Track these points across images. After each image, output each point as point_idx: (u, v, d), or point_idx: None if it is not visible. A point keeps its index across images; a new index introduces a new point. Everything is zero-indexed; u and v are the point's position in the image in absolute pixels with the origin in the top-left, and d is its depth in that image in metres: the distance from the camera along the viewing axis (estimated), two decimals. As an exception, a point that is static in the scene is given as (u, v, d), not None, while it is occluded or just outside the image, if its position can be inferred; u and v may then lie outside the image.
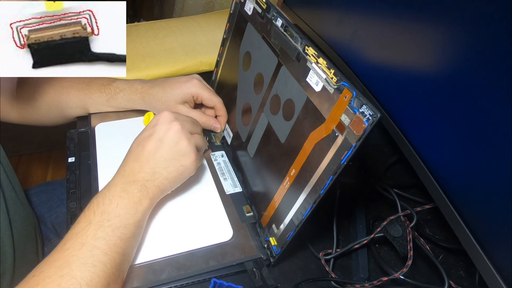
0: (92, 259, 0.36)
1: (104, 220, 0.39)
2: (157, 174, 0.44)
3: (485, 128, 0.34)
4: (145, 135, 0.46)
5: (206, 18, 0.99)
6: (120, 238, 0.39)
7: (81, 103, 0.59)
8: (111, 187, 0.42)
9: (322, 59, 0.38)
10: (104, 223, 0.39)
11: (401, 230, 0.44)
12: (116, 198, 0.41)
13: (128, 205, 0.41)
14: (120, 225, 0.39)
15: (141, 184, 0.43)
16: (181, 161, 0.45)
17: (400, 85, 0.47)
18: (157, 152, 0.45)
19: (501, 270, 0.34)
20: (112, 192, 0.42)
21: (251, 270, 0.44)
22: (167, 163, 0.45)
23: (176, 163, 0.45)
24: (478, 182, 0.36)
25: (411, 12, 0.43)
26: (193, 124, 0.50)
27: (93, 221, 0.39)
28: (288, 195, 0.43)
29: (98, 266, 0.36)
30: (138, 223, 0.42)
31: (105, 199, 0.41)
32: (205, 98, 0.57)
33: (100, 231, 0.38)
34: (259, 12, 0.50)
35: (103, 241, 0.38)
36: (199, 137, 0.49)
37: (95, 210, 0.40)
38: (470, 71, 0.36)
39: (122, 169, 0.45)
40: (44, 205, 0.70)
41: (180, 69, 0.79)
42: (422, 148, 0.44)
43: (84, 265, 0.36)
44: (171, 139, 0.45)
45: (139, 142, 0.46)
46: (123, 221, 0.40)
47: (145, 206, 0.43)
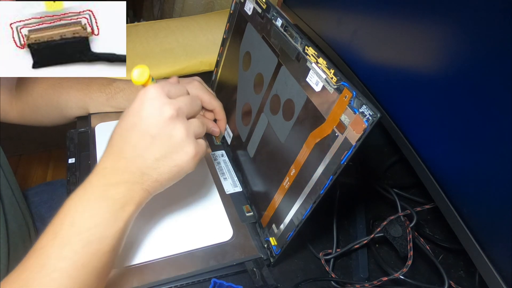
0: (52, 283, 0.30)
1: (73, 234, 0.32)
2: (145, 176, 0.36)
3: (485, 128, 0.34)
4: (129, 122, 0.37)
5: (206, 18, 0.99)
6: (94, 254, 0.32)
7: (81, 103, 0.59)
8: (87, 189, 0.35)
9: (322, 59, 0.38)
10: (72, 238, 0.32)
11: (401, 230, 0.44)
12: (91, 204, 0.34)
13: (107, 213, 0.34)
14: (93, 239, 0.32)
15: (125, 187, 0.35)
16: (175, 160, 0.37)
17: (400, 85, 0.47)
18: (146, 150, 0.36)
19: (501, 270, 0.34)
20: (88, 197, 0.34)
21: (251, 270, 0.44)
22: (158, 163, 0.36)
23: (169, 162, 0.36)
24: (478, 182, 0.36)
25: (410, 12, 0.43)
26: (190, 103, 0.39)
27: (59, 234, 0.32)
28: (288, 195, 0.43)
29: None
30: (118, 234, 0.34)
31: (77, 206, 0.34)
32: (205, 101, 0.57)
33: (67, 249, 0.32)
34: (259, 12, 0.50)
35: (69, 261, 0.31)
36: (197, 122, 0.39)
37: (64, 219, 0.33)
38: (469, 71, 0.36)
39: (101, 166, 0.36)
40: (44, 205, 0.70)
41: (180, 69, 0.79)
42: (422, 148, 0.44)
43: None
44: (162, 132, 0.36)
45: (122, 132, 0.37)
46: (98, 234, 0.33)
47: (129, 213, 0.35)
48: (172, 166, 0.37)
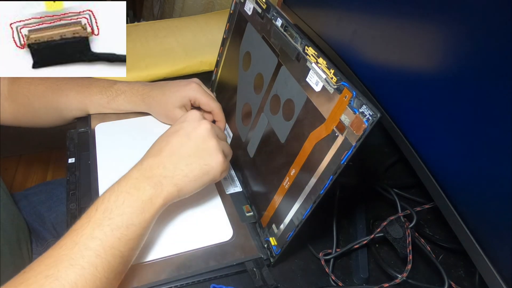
0: (82, 260, 0.34)
1: (105, 218, 0.36)
2: (177, 170, 0.41)
3: (485, 127, 0.34)
4: (171, 130, 0.44)
5: (206, 18, 0.99)
6: (120, 239, 0.36)
7: (81, 105, 0.59)
8: (122, 182, 0.40)
9: (322, 59, 0.38)
10: (104, 222, 0.36)
11: (401, 230, 0.44)
12: (123, 194, 0.38)
13: (136, 203, 0.38)
14: (121, 225, 0.37)
15: (156, 180, 0.40)
16: (206, 159, 0.42)
17: (400, 85, 0.47)
18: (181, 147, 0.42)
19: (501, 270, 0.34)
20: (122, 188, 0.39)
21: (251, 270, 0.44)
22: (191, 159, 0.41)
23: (201, 160, 0.42)
24: (478, 182, 0.36)
25: (410, 12, 0.43)
26: (220, 130, 0.48)
27: (93, 218, 0.36)
28: (288, 195, 0.43)
29: (87, 269, 0.34)
30: (144, 223, 0.38)
31: (111, 195, 0.38)
32: (203, 103, 0.57)
33: (98, 230, 0.36)
34: (259, 12, 0.50)
35: (98, 241, 0.35)
36: (226, 144, 0.47)
37: (98, 206, 0.37)
38: (469, 71, 0.36)
39: (140, 163, 0.42)
40: (43, 205, 0.70)
41: (180, 69, 0.79)
42: (422, 148, 0.44)
43: (72, 266, 0.34)
44: (199, 135, 0.43)
45: (164, 137, 0.44)
46: (125, 221, 0.37)
47: (156, 206, 0.39)
48: (203, 164, 0.42)
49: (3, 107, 0.59)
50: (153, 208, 0.39)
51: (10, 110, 0.59)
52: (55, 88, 0.58)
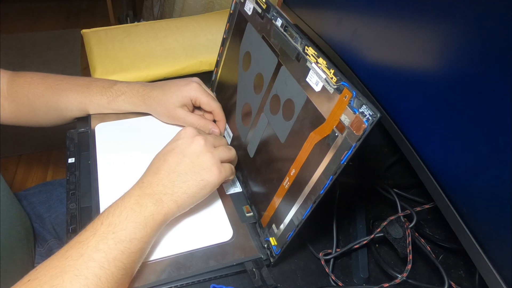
0: (86, 271, 0.35)
1: (109, 232, 0.38)
2: (176, 187, 0.43)
3: (485, 127, 0.34)
4: (167, 149, 0.46)
5: (206, 18, 0.99)
6: (123, 252, 0.38)
7: (81, 105, 0.59)
8: (125, 198, 0.42)
9: (322, 59, 0.38)
10: (108, 235, 0.38)
11: (401, 231, 0.44)
12: (127, 210, 0.40)
13: (138, 218, 0.40)
14: (124, 238, 0.38)
15: (157, 197, 0.42)
16: (202, 175, 0.44)
17: (400, 85, 0.47)
18: (178, 165, 0.44)
19: (501, 270, 0.34)
20: (125, 204, 0.41)
21: (251, 270, 0.44)
22: (188, 176, 0.44)
23: (197, 176, 0.44)
24: (478, 182, 0.36)
25: (410, 12, 0.43)
26: (216, 138, 0.49)
27: (98, 231, 0.38)
28: (288, 195, 0.43)
29: (91, 280, 0.35)
30: (146, 238, 0.40)
31: (115, 210, 0.40)
32: (203, 102, 0.57)
33: (102, 243, 0.37)
34: (259, 12, 0.50)
35: (102, 253, 0.37)
36: (224, 149, 0.48)
37: (103, 220, 0.39)
38: (469, 71, 0.36)
39: (140, 181, 0.44)
40: (43, 205, 0.70)
41: (180, 69, 0.79)
42: (422, 148, 0.44)
43: (76, 276, 0.35)
44: (193, 152, 0.45)
45: (160, 156, 0.46)
46: (129, 235, 0.39)
47: (158, 222, 0.41)
48: (199, 180, 0.44)
49: (3, 106, 0.59)
50: (155, 223, 0.41)
51: (10, 109, 0.59)
52: (55, 88, 0.58)
